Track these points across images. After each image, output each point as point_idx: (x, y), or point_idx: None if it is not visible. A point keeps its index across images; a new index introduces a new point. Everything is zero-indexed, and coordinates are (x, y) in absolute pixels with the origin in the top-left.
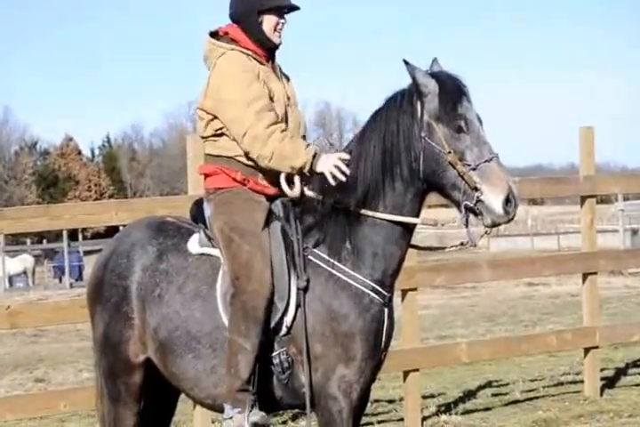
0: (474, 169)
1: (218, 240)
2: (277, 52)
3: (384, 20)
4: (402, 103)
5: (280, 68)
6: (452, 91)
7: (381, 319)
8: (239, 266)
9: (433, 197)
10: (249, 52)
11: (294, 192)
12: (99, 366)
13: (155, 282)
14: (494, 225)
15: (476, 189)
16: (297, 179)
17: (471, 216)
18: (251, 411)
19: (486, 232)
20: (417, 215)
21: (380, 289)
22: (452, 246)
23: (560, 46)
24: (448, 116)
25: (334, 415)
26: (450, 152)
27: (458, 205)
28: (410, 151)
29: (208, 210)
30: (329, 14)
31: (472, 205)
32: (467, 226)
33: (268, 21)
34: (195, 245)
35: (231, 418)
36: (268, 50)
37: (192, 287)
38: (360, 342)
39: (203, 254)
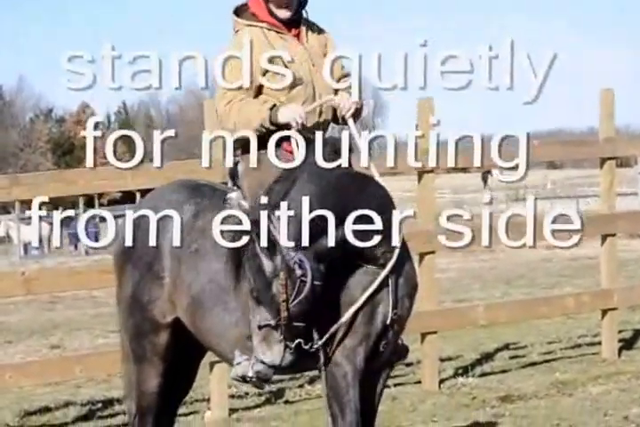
0: None
1: (247, 198)
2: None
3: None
4: None
5: (310, 27)
6: None
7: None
8: None
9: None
10: (264, 26)
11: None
12: (124, 327)
13: (191, 239)
14: None
15: None
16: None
17: None
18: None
19: None
20: None
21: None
22: None
23: (578, 8)
24: None
25: (338, 380)
26: None
27: None
28: None
29: (239, 170)
30: None
31: None
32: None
33: None
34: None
35: (239, 364)
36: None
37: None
38: (359, 313)
39: None
